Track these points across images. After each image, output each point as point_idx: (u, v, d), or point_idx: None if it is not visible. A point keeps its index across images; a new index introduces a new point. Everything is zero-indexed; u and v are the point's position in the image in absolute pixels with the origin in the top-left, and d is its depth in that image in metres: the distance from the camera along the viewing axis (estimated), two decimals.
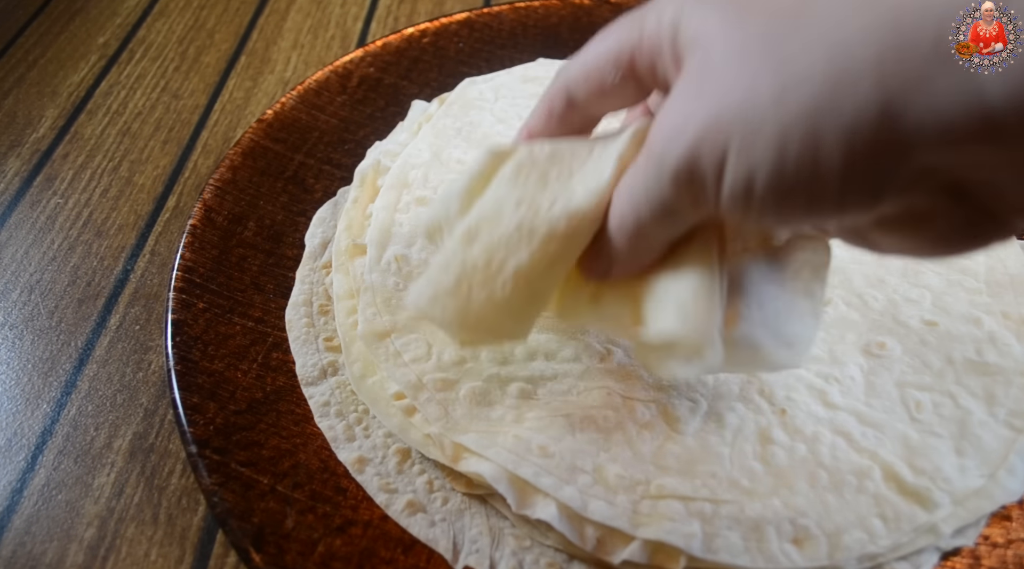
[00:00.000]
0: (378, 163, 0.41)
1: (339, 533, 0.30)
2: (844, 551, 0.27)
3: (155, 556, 0.32)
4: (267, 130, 0.44)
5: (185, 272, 0.37)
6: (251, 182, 0.42)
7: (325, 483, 0.31)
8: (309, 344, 0.36)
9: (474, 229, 0.25)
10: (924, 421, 0.31)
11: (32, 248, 0.44)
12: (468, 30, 0.51)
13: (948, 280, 0.36)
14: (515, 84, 0.46)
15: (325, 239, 0.40)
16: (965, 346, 0.33)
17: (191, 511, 0.33)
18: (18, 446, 0.35)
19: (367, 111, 0.47)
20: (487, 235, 0.24)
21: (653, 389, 0.32)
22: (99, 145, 0.50)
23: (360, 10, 0.60)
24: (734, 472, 0.29)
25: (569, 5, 0.52)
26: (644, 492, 0.29)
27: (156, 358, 0.39)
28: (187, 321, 0.35)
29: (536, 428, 0.31)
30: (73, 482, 0.34)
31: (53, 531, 0.33)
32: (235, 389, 0.33)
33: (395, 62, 0.49)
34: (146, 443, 0.35)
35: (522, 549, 0.29)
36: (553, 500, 0.29)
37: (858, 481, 0.29)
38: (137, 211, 0.46)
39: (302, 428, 0.33)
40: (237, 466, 0.31)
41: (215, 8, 0.61)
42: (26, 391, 0.37)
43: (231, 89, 0.54)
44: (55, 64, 0.56)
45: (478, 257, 0.24)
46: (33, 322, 0.40)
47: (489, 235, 0.24)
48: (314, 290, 0.38)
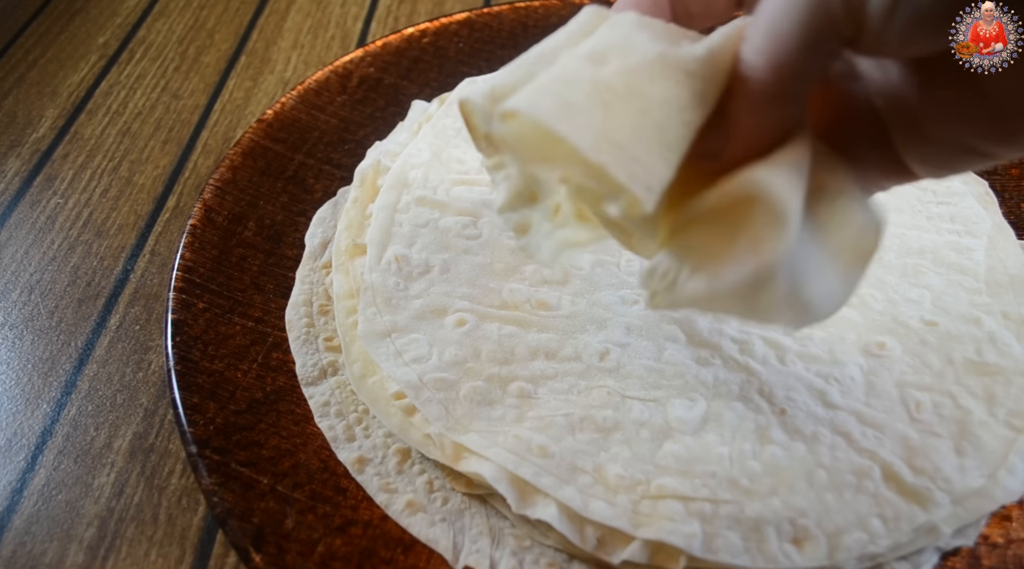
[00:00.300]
0: (378, 163, 0.41)
1: (339, 533, 0.30)
2: (844, 551, 0.27)
3: (155, 556, 0.32)
4: (267, 130, 0.44)
5: (185, 272, 0.37)
6: (251, 182, 0.42)
7: (325, 483, 0.31)
8: (309, 344, 0.36)
9: (601, 53, 0.21)
10: (924, 421, 0.31)
11: (32, 248, 0.44)
12: (468, 30, 0.51)
13: (948, 280, 0.36)
14: None
15: (325, 239, 0.40)
16: (965, 346, 0.33)
17: (191, 511, 0.33)
18: (18, 446, 0.35)
19: (367, 111, 0.47)
20: (620, 61, 0.21)
21: (653, 388, 0.32)
22: (99, 145, 0.50)
23: (360, 10, 0.60)
24: (734, 472, 0.29)
25: (569, 5, 0.52)
26: (644, 492, 0.29)
27: (156, 358, 0.39)
28: (187, 321, 0.35)
29: (536, 428, 0.31)
30: (73, 482, 0.34)
31: (53, 531, 0.33)
32: (235, 389, 0.33)
33: (395, 62, 0.49)
34: (146, 443, 0.35)
35: (522, 549, 0.30)
36: (553, 500, 0.29)
37: (858, 481, 0.29)
38: (137, 211, 0.46)
39: (302, 428, 0.33)
40: (237, 466, 0.31)
41: (215, 8, 0.61)
42: (26, 391, 0.37)
43: (231, 89, 0.54)
44: (55, 64, 0.56)
45: (614, 79, 0.21)
46: (33, 322, 0.40)
47: (623, 61, 0.21)
48: (314, 290, 0.38)
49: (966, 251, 0.37)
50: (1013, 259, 0.37)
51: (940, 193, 0.41)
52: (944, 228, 0.39)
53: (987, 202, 0.40)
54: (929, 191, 0.41)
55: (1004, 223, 0.39)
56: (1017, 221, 0.40)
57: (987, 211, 0.39)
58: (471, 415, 0.31)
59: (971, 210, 0.39)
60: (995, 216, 0.39)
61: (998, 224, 0.39)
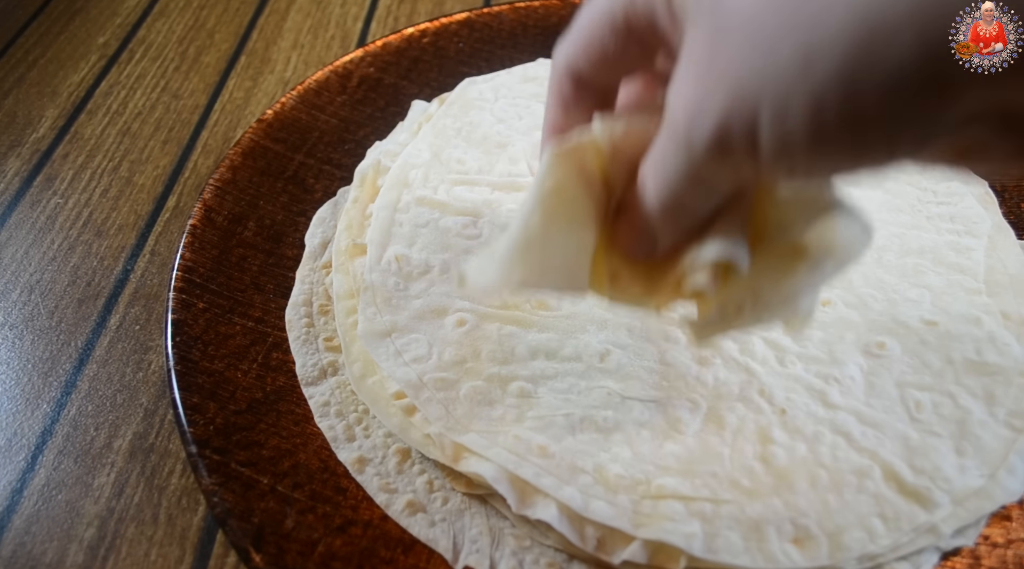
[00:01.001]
0: (378, 163, 0.42)
1: (339, 533, 0.30)
2: (844, 551, 0.27)
3: (155, 556, 0.32)
4: (267, 130, 0.44)
5: (185, 272, 0.37)
6: (251, 182, 0.42)
7: (325, 483, 0.31)
8: (309, 344, 0.36)
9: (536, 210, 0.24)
10: (924, 421, 0.31)
11: (32, 248, 0.44)
12: (468, 30, 0.51)
13: (948, 280, 0.36)
14: (515, 84, 0.46)
15: (325, 239, 0.40)
16: (965, 346, 0.33)
17: (191, 511, 0.33)
18: (18, 446, 0.35)
19: (367, 111, 0.47)
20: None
21: (653, 389, 0.32)
22: (99, 145, 0.50)
23: (360, 10, 0.60)
24: (734, 472, 0.29)
25: (569, 5, 0.52)
26: (644, 492, 0.29)
27: (156, 358, 0.39)
28: (187, 321, 0.35)
29: (536, 428, 0.31)
30: (73, 482, 0.34)
31: (53, 531, 0.33)
32: (235, 389, 0.33)
33: (395, 62, 0.49)
34: (146, 443, 0.35)
35: (522, 549, 0.30)
36: (553, 500, 0.29)
37: (858, 481, 0.29)
38: (137, 211, 0.46)
39: (302, 428, 0.33)
40: (237, 466, 0.31)
41: (215, 8, 0.61)
42: (26, 391, 0.37)
43: (231, 89, 0.54)
44: (55, 64, 0.56)
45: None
46: (33, 322, 0.40)
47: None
48: (314, 290, 0.38)
49: (966, 251, 0.37)
50: (1013, 259, 0.37)
51: (940, 193, 0.41)
52: (944, 228, 0.39)
53: (987, 202, 0.40)
54: (929, 191, 0.41)
55: (1004, 223, 0.39)
56: (1017, 221, 0.40)
57: (987, 211, 0.39)
58: (471, 415, 0.31)
59: (971, 210, 0.39)
60: (995, 216, 0.39)
61: (998, 224, 0.39)
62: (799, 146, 0.18)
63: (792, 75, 0.18)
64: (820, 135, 0.18)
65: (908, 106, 0.17)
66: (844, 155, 0.19)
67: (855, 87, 0.17)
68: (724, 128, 0.19)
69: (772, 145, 0.19)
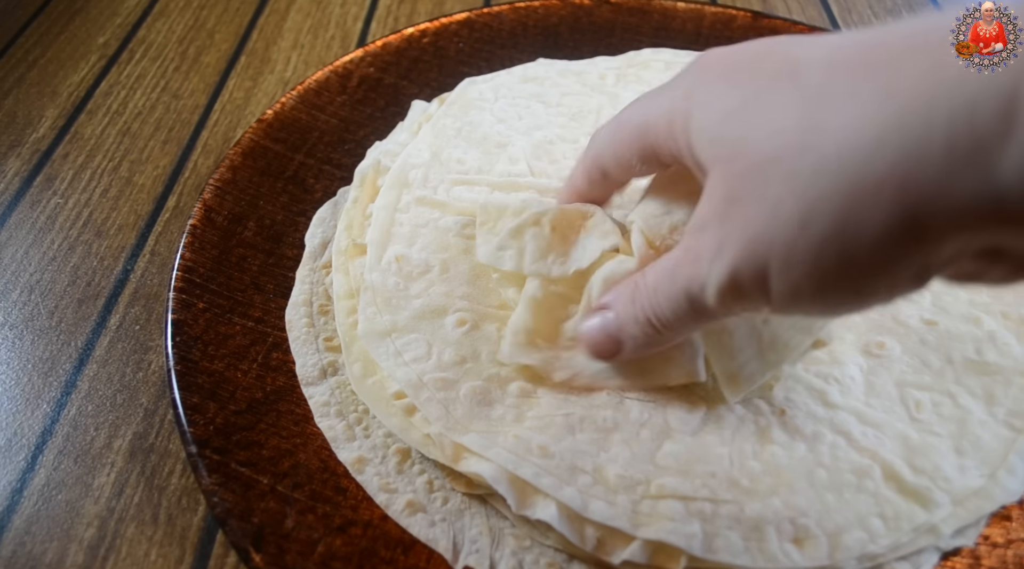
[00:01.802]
0: (378, 163, 0.42)
1: (339, 533, 0.30)
2: (844, 551, 0.27)
3: (155, 556, 0.32)
4: (267, 130, 0.44)
5: (185, 272, 0.37)
6: (251, 182, 0.42)
7: (325, 483, 0.31)
8: (309, 344, 0.36)
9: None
10: (924, 421, 0.31)
11: (32, 248, 0.44)
12: (468, 30, 0.51)
13: None
14: (515, 84, 0.46)
15: (325, 239, 0.40)
16: (965, 346, 0.33)
17: (191, 511, 0.33)
18: (18, 446, 0.35)
19: (367, 111, 0.47)
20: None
21: (653, 389, 0.32)
22: (99, 145, 0.50)
23: (360, 10, 0.60)
24: (734, 472, 0.29)
25: (569, 5, 0.52)
26: (644, 492, 0.29)
27: (156, 358, 0.39)
28: (187, 321, 0.35)
29: (536, 428, 0.31)
30: (73, 482, 0.34)
31: (53, 531, 0.33)
32: (235, 389, 0.33)
33: (395, 62, 0.49)
34: (146, 443, 0.35)
35: (522, 549, 0.30)
36: (553, 500, 0.29)
37: (858, 480, 0.29)
38: (137, 211, 0.46)
39: (302, 428, 0.33)
40: (237, 466, 0.31)
41: (215, 8, 0.61)
42: (26, 391, 0.37)
43: (231, 89, 0.54)
44: (55, 64, 0.56)
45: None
46: (33, 322, 0.40)
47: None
48: (314, 290, 0.38)
49: None
50: None
51: None
52: None
53: None
54: None
55: None
56: None
57: None
58: (471, 415, 0.31)
59: None
60: None
61: None
62: (806, 291, 0.21)
63: (793, 231, 0.20)
64: (824, 282, 0.20)
65: (897, 252, 0.19)
66: (848, 296, 0.21)
67: (847, 242, 0.19)
68: (735, 276, 0.22)
69: (782, 290, 0.21)
